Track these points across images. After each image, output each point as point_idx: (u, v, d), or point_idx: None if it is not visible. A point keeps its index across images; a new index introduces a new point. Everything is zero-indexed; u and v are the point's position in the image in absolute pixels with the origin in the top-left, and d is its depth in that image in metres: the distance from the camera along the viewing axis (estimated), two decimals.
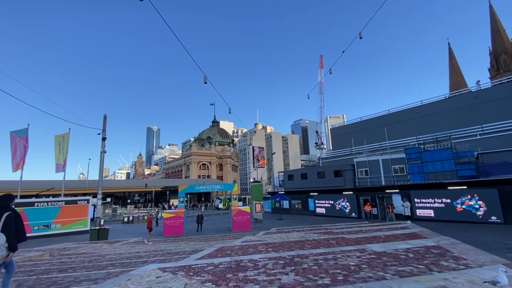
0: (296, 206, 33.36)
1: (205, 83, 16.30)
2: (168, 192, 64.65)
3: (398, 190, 23.30)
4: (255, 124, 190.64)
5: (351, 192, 27.29)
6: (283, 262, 6.45)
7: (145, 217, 33.87)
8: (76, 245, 15.15)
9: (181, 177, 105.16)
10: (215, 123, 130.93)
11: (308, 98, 25.09)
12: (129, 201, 68.88)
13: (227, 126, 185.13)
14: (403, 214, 19.35)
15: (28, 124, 25.49)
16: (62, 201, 22.59)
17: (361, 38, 15.35)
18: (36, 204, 21.54)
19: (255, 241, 11.90)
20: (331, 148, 50.78)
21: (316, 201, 30.28)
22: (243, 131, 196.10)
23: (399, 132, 34.74)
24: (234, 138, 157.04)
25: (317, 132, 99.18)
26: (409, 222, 17.92)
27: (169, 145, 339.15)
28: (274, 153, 79.84)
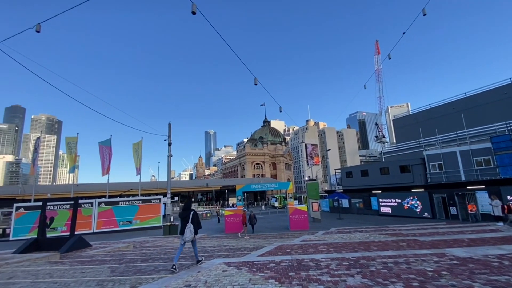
0: (357, 205, 31.36)
1: (256, 84, 16.64)
2: (226, 191, 68.24)
3: (483, 186, 19.81)
4: (307, 121, 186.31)
5: (422, 190, 24.35)
6: (347, 263, 6.14)
7: (208, 214, 36.45)
8: (152, 238, 17.22)
9: (237, 177, 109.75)
10: (266, 122, 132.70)
11: (365, 88, 23.35)
12: (193, 199, 75.09)
13: (278, 125, 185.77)
14: (492, 214, 16.34)
15: (111, 135, 30.08)
16: (139, 200, 25.97)
17: (424, 15, 13.55)
18: (120, 203, 25.26)
19: (314, 240, 11.63)
20: (394, 141, 46.18)
21: (380, 200, 27.94)
22: (295, 128, 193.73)
23: (480, 118, 29.50)
24: (286, 137, 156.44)
25: (377, 124, 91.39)
26: (501, 223, 15.06)
27: (224, 147, 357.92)
28: (329, 149, 76.72)
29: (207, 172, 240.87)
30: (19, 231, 21.31)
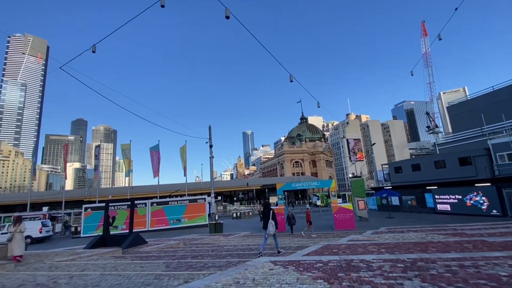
0: (409, 202, 28.88)
1: (291, 81, 16.41)
2: (266, 189, 68.68)
3: None
4: (347, 115, 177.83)
5: (489, 184, 21.41)
6: (402, 265, 5.68)
7: (250, 213, 37.09)
8: (200, 236, 18.14)
9: (277, 175, 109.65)
10: (304, 119, 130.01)
11: (412, 75, 21.39)
12: (235, 198, 77.21)
13: (316, 121, 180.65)
14: None
15: (159, 140, 32.52)
16: (187, 200, 27.58)
17: None
18: (170, 203, 27.13)
19: (363, 240, 11.03)
20: (450, 130, 41.45)
21: (437, 196, 25.31)
22: (334, 124, 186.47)
23: None
24: (325, 133, 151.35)
25: (428, 113, 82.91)
26: None
27: (262, 146, 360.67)
28: (374, 143, 71.83)
29: (246, 172, 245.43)
30: (88, 229, 24.29)
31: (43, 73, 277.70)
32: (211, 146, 28.75)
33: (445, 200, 24.39)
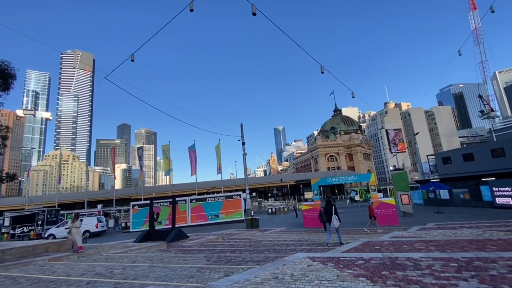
0: (461, 196, 26.22)
1: (322, 72, 15.87)
2: (301, 185, 67.80)
3: None
4: (385, 104, 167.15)
5: None
6: (456, 264, 5.19)
7: (285, 209, 36.98)
8: (237, 231, 18.60)
9: (311, 170, 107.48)
10: (337, 111, 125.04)
11: (460, 55, 19.24)
12: (269, 194, 77.59)
13: (350, 112, 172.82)
14: None
15: (194, 140, 33.98)
16: (223, 196, 28.45)
17: None
18: (207, 199, 28.25)
19: (408, 237, 10.32)
20: (509, 113, 36.57)
21: (495, 189, 22.58)
22: (371, 114, 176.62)
23: None
24: (361, 124, 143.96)
25: (481, 96, 73.90)
26: None
27: (294, 141, 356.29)
28: (417, 133, 66.33)
29: (279, 168, 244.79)
30: (136, 224, 26.43)
31: (91, 83, 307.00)
32: (243, 144, 29.20)
33: (506, 193, 21.65)
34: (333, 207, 10.01)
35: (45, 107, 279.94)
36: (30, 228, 26.07)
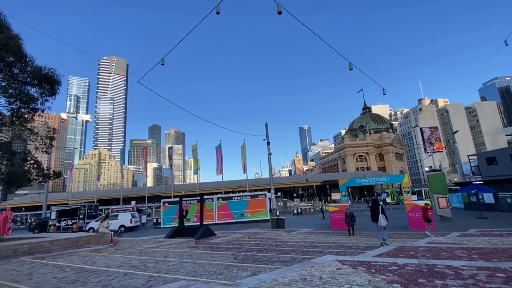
0: (509, 200, 23.78)
1: (351, 69, 15.33)
2: (328, 186, 66.11)
3: None
4: (420, 100, 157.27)
5: None
6: (503, 275, 4.72)
7: (311, 210, 36.31)
8: (263, 231, 18.65)
9: (338, 171, 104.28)
10: (366, 109, 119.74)
11: (506, 45, 17.43)
12: (294, 195, 76.72)
13: (381, 110, 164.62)
14: None
15: (221, 140, 34.66)
16: (248, 195, 28.71)
17: None
18: (233, 198, 28.68)
19: (446, 243, 9.61)
20: None
21: None
22: (403, 111, 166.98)
23: None
24: (393, 122, 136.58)
25: None
26: None
27: (320, 141, 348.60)
28: (456, 131, 61.28)
29: (305, 168, 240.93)
30: (166, 221, 27.64)
31: (125, 87, 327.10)
32: (268, 143, 29.19)
33: None
34: (380, 206, 10.68)
35: (85, 110, 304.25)
36: (73, 221, 28.44)
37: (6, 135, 14.21)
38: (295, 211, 36.22)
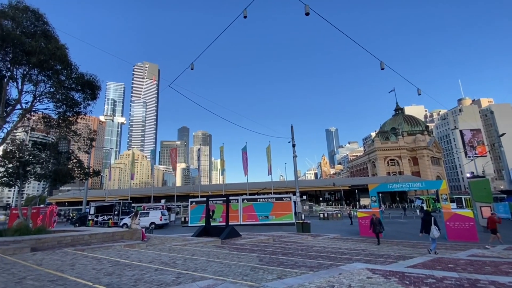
0: None
1: (382, 69, 14.68)
2: (356, 190, 63.62)
3: None
4: (459, 100, 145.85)
5: None
6: None
7: (338, 215, 35.17)
8: (288, 234, 18.45)
9: (367, 175, 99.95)
10: (399, 110, 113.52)
11: None
12: (320, 199, 74.90)
13: (415, 111, 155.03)
14: None
15: (246, 142, 35.02)
16: (273, 198, 28.60)
17: None
18: (258, 200, 28.76)
19: (491, 257, 8.75)
20: None
21: None
22: (440, 112, 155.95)
23: None
24: (428, 124, 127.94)
25: None
26: None
27: (349, 143, 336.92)
28: (503, 134, 55.65)
29: (332, 171, 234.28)
30: (193, 220, 28.50)
31: (157, 91, 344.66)
32: (294, 145, 28.87)
33: None
34: (433, 217, 10.85)
35: (121, 113, 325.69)
36: (109, 217, 30.47)
37: (53, 136, 15.69)
38: (321, 215, 35.35)
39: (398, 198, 69.05)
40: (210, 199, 24.98)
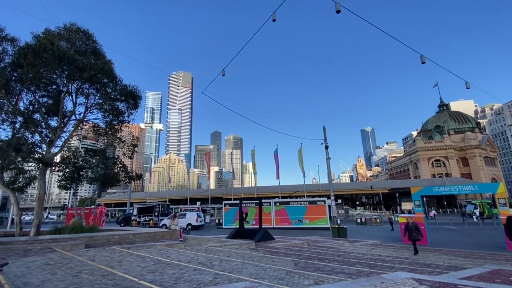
0: None
1: (423, 63, 13.64)
2: (397, 194, 59.48)
3: None
4: None
5: None
6: None
7: (377, 220, 33.21)
8: (323, 239, 17.88)
9: (408, 177, 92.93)
10: (443, 106, 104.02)
11: None
12: (357, 202, 71.42)
13: (463, 106, 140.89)
14: None
15: (277, 145, 34.91)
16: (306, 201, 28.01)
17: None
18: (290, 203, 28.39)
19: None
20: None
21: None
22: (494, 107, 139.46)
23: None
24: (480, 120, 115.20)
25: None
26: None
27: (387, 144, 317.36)
28: None
29: (369, 174, 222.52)
30: (227, 222, 29.08)
31: (191, 98, 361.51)
32: (326, 147, 28.04)
33: None
34: None
35: (159, 120, 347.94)
36: (150, 218, 32.46)
37: (101, 143, 17.25)
38: (358, 220, 33.70)
39: (445, 203, 63.03)
40: (242, 201, 25.27)
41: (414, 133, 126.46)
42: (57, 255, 8.64)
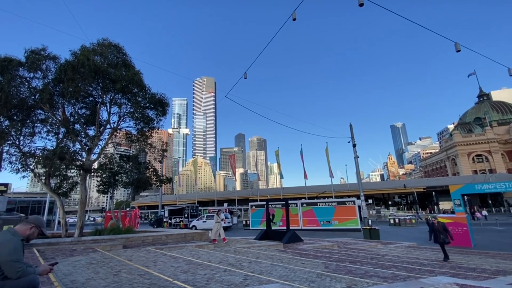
0: None
1: (458, 51, 12.66)
2: (433, 192, 55.73)
3: None
4: None
5: None
6: None
7: (412, 220, 31.35)
8: (354, 241, 17.26)
9: (446, 174, 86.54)
10: (483, 97, 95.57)
11: None
12: (389, 202, 68.05)
13: (506, 95, 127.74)
14: None
15: (301, 145, 34.50)
16: (334, 202, 27.26)
17: None
18: (318, 204, 27.80)
19: None
20: None
21: None
22: None
23: None
24: None
25: None
26: None
27: (420, 140, 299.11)
28: None
29: (401, 171, 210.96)
30: (254, 223, 29.24)
31: (214, 102, 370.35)
32: (354, 145, 27.13)
33: None
34: None
35: (185, 125, 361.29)
36: (180, 219, 33.67)
37: (134, 149, 18.27)
38: (391, 221, 32.08)
39: (490, 201, 57.70)
40: (269, 202, 25.23)
41: (451, 127, 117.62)
42: (98, 255, 9.29)
